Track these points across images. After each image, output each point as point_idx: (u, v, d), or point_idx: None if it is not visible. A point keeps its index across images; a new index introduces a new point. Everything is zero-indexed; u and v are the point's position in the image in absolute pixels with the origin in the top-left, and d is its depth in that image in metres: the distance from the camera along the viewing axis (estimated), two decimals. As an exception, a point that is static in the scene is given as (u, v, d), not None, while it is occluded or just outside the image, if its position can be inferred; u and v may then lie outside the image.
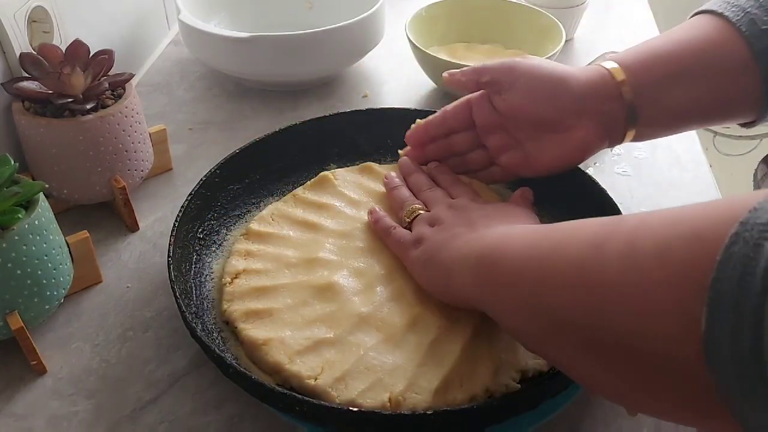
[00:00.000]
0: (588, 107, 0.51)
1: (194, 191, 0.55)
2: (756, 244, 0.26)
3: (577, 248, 0.35)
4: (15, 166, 0.47)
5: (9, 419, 0.46)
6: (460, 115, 0.57)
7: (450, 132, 0.58)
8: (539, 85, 0.52)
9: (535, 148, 0.54)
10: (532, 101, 0.52)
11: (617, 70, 0.50)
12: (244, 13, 0.90)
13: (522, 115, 0.53)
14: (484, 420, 0.42)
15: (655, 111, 0.51)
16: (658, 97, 0.50)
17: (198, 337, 0.44)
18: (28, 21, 0.60)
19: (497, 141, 0.56)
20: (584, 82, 0.51)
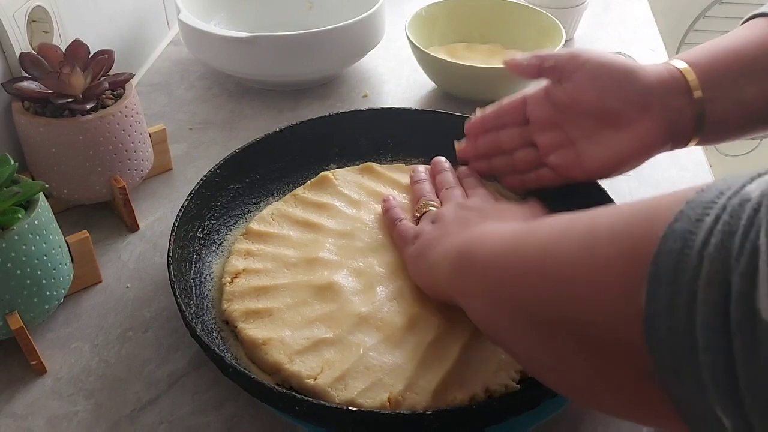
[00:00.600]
0: (655, 101, 0.48)
1: (194, 191, 0.55)
2: (697, 220, 0.26)
3: (544, 235, 0.35)
4: (15, 166, 0.47)
5: (9, 419, 0.46)
6: (514, 109, 0.56)
7: (502, 127, 0.57)
8: (605, 73, 0.50)
9: (589, 146, 0.51)
10: (595, 89, 0.50)
11: (687, 70, 0.48)
12: (244, 13, 0.90)
13: (582, 106, 0.51)
14: (483, 420, 0.42)
15: (723, 109, 0.48)
16: (726, 95, 0.48)
17: (197, 337, 0.44)
18: (28, 21, 0.60)
19: (549, 139, 0.54)
20: (653, 76, 0.49)
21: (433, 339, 0.46)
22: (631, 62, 0.50)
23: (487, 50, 0.86)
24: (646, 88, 0.48)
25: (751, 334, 0.22)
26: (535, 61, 0.53)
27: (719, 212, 0.25)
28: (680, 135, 0.50)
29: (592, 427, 0.46)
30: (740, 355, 0.23)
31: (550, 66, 0.52)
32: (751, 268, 0.23)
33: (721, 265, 0.24)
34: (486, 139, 0.58)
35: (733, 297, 0.23)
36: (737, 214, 0.25)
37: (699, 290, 0.24)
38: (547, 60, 0.52)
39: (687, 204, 0.27)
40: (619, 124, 0.49)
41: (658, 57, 0.92)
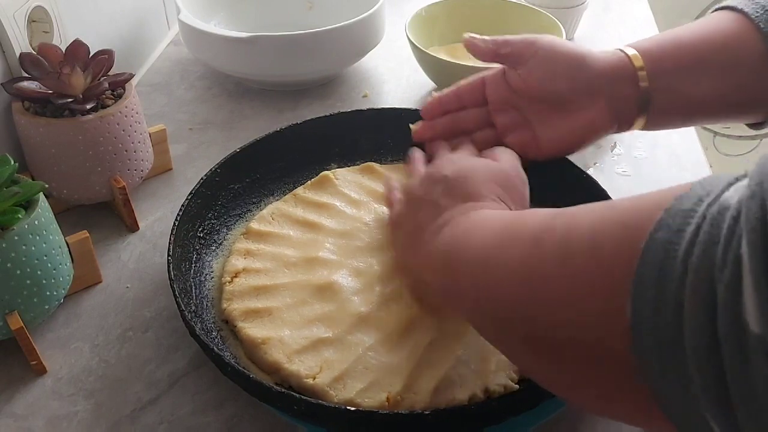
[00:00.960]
0: (603, 89, 0.51)
1: (194, 191, 0.55)
2: (678, 229, 0.25)
3: (521, 242, 0.35)
4: (15, 166, 0.48)
5: (9, 419, 0.46)
6: (473, 90, 0.57)
7: (461, 107, 0.58)
8: (557, 61, 0.52)
9: (543, 128, 0.54)
10: (548, 77, 0.52)
11: (636, 57, 0.50)
12: (244, 13, 0.90)
13: (536, 92, 0.53)
14: (482, 420, 0.42)
15: (668, 100, 0.51)
16: (672, 86, 0.50)
17: (197, 336, 0.44)
18: (28, 21, 0.60)
19: (507, 119, 0.55)
20: (602, 64, 0.51)
21: (432, 339, 0.46)
22: (583, 50, 0.52)
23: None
24: (596, 76, 0.51)
25: (740, 344, 0.22)
26: (492, 46, 0.54)
27: (699, 221, 0.25)
28: (625, 120, 0.52)
29: (592, 427, 0.46)
30: (730, 366, 0.23)
31: (506, 53, 0.53)
32: (735, 278, 0.23)
33: (705, 276, 0.24)
34: (445, 120, 0.58)
35: (719, 309, 0.23)
36: (717, 224, 0.24)
37: (685, 301, 0.24)
38: (504, 46, 0.53)
39: (666, 212, 0.27)
40: (570, 109, 0.52)
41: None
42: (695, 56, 0.50)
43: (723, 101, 0.51)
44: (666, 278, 0.25)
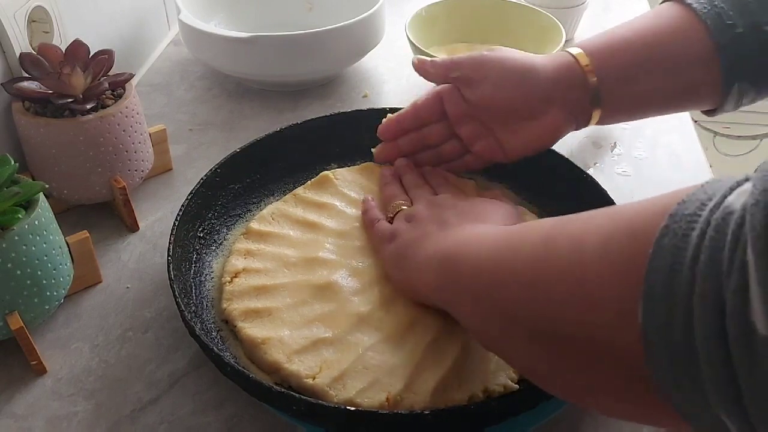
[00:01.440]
0: (555, 95, 0.53)
1: (195, 190, 0.55)
2: (684, 235, 0.26)
3: (530, 246, 0.36)
4: (15, 166, 0.48)
5: (9, 420, 0.46)
6: (431, 107, 0.58)
7: (422, 124, 0.59)
8: (508, 77, 0.53)
9: (506, 135, 0.55)
10: (501, 93, 0.53)
11: (582, 56, 0.52)
12: (244, 13, 0.90)
13: (492, 106, 0.54)
14: (482, 420, 0.42)
15: (617, 97, 0.52)
16: (620, 84, 0.52)
17: (196, 336, 0.44)
18: (28, 21, 0.60)
19: (470, 131, 0.57)
20: (551, 71, 0.52)
21: (432, 339, 0.46)
22: (530, 61, 0.53)
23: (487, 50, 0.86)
24: (546, 84, 0.52)
25: (749, 348, 0.23)
26: (442, 70, 0.55)
27: (704, 227, 0.25)
28: (582, 118, 0.54)
29: (592, 427, 0.46)
30: (740, 368, 0.23)
31: (456, 77, 0.55)
32: (742, 284, 0.23)
33: (712, 282, 0.24)
34: (408, 138, 0.59)
35: (727, 313, 0.23)
36: (722, 230, 0.25)
37: (694, 307, 0.25)
38: (453, 70, 0.54)
39: (670, 218, 0.27)
40: (528, 117, 0.54)
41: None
42: (641, 53, 0.51)
43: (672, 95, 0.53)
44: (674, 284, 0.26)
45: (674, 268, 0.26)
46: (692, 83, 0.52)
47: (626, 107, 0.54)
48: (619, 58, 0.52)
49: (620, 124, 0.77)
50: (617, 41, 0.52)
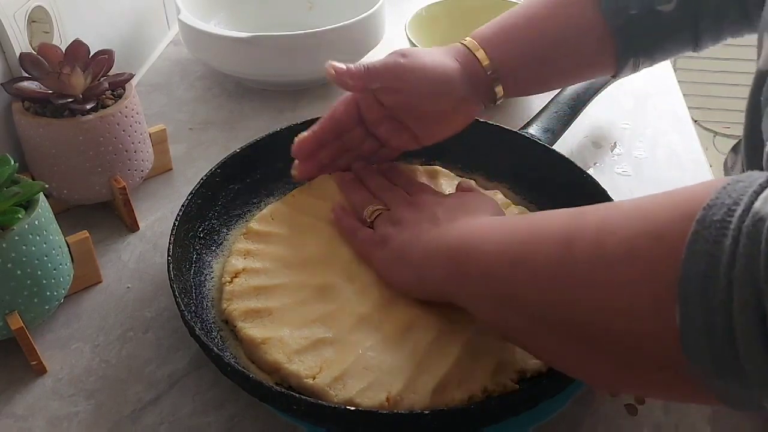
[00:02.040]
0: (469, 93, 0.55)
1: (194, 191, 0.55)
2: (716, 242, 0.27)
3: (547, 247, 0.36)
4: (15, 166, 0.48)
5: (9, 420, 0.46)
6: (349, 115, 0.57)
7: (341, 134, 0.58)
8: (427, 87, 0.53)
9: (423, 130, 0.56)
10: (421, 101, 0.54)
11: (473, 45, 0.54)
12: (244, 13, 0.90)
13: (411, 111, 0.55)
14: (481, 420, 0.42)
15: (517, 78, 0.56)
16: (517, 68, 0.55)
17: (197, 336, 0.44)
18: (28, 21, 0.60)
19: (387, 131, 0.57)
20: (462, 71, 0.54)
21: (432, 339, 0.46)
22: (445, 67, 0.54)
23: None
24: (463, 86, 0.54)
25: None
26: (360, 81, 0.53)
27: (735, 234, 0.26)
28: (489, 101, 0.57)
29: (593, 427, 0.46)
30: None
31: (376, 88, 0.54)
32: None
33: (751, 290, 0.25)
34: (328, 150, 0.58)
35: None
36: (755, 237, 0.26)
37: (734, 313, 0.26)
38: (373, 82, 0.53)
39: (699, 224, 0.28)
40: (445, 117, 0.55)
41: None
42: (539, 41, 0.54)
43: (570, 74, 0.57)
44: (712, 290, 0.27)
45: (709, 275, 0.27)
46: (589, 62, 0.56)
47: (526, 85, 0.58)
48: (514, 49, 0.54)
49: (620, 124, 0.77)
50: (511, 31, 0.55)
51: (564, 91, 0.70)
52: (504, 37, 0.55)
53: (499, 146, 0.63)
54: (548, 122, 0.66)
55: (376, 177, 0.58)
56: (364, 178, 0.59)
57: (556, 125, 0.66)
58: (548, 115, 0.67)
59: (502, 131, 0.64)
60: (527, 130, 0.65)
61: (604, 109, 0.78)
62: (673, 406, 0.47)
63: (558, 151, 0.61)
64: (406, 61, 0.53)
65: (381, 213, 0.53)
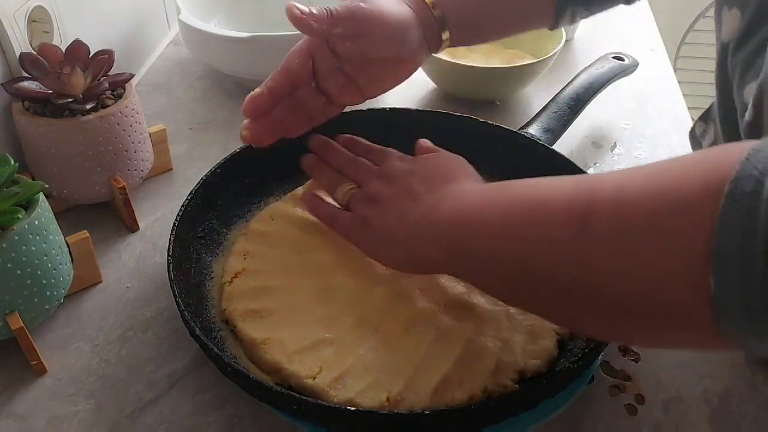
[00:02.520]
0: (421, 41, 0.54)
1: (194, 191, 0.55)
2: (749, 213, 0.28)
3: (559, 223, 0.36)
4: (15, 166, 0.47)
5: (9, 420, 0.46)
6: (304, 67, 0.54)
7: (295, 87, 0.55)
8: (388, 35, 0.53)
9: (372, 83, 0.55)
10: (379, 49, 0.53)
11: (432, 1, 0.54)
12: (244, 13, 0.90)
13: (367, 60, 0.54)
14: (481, 420, 0.42)
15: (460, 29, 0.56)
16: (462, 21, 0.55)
17: (197, 336, 0.44)
18: (28, 21, 0.60)
19: (336, 86, 0.55)
20: (416, 18, 0.53)
21: (432, 339, 0.46)
22: (404, 16, 0.53)
23: (488, 50, 0.86)
24: (419, 34, 0.54)
25: None
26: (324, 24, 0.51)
27: None
28: (435, 50, 0.57)
29: (593, 427, 0.46)
30: None
31: (338, 32, 0.52)
32: None
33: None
34: (281, 108, 0.54)
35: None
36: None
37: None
38: (336, 26, 0.51)
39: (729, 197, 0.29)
40: (397, 67, 0.55)
41: (658, 57, 0.92)
42: None
43: (510, 25, 0.58)
44: (749, 258, 0.28)
45: (747, 245, 0.28)
46: (529, 12, 0.58)
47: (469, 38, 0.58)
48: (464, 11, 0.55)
49: (620, 124, 0.77)
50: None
51: (564, 91, 0.70)
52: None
53: (499, 146, 0.63)
54: (548, 122, 0.66)
55: (334, 150, 0.57)
56: (324, 154, 0.57)
57: (556, 125, 0.66)
58: (548, 115, 0.67)
59: (502, 131, 0.64)
60: (527, 130, 0.65)
61: (604, 109, 0.78)
62: (673, 406, 0.48)
63: (558, 151, 0.61)
64: (367, 6, 0.52)
65: (354, 192, 0.52)
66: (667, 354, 0.51)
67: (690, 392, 0.48)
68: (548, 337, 0.47)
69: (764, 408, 0.48)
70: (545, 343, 0.47)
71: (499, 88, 0.79)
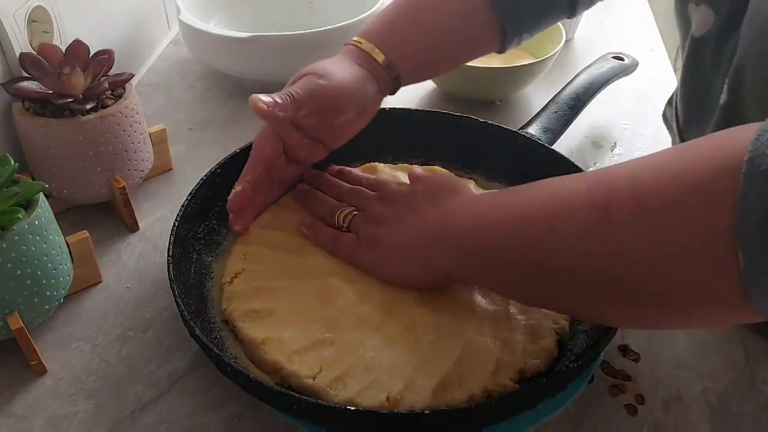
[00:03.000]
0: (375, 97, 0.56)
1: (194, 191, 0.55)
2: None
3: (581, 219, 0.37)
4: (15, 166, 0.47)
5: (9, 420, 0.46)
6: (276, 149, 0.53)
7: (271, 171, 0.54)
8: (349, 103, 0.53)
9: (336, 139, 0.56)
10: (342, 116, 0.54)
11: (381, 57, 0.55)
12: (244, 13, 0.90)
13: (332, 128, 0.55)
14: (481, 420, 0.42)
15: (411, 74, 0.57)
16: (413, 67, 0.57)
17: (197, 336, 0.44)
18: (28, 21, 0.60)
19: (306, 151, 0.55)
20: (369, 77, 0.55)
21: (432, 339, 0.46)
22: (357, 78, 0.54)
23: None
24: (372, 92, 0.55)
25: None
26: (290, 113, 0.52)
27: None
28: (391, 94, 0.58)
29: (593, 427, 0.46)
30: None
31: (303, 115, 0.52)
32: None
33: None
34: (261, 192, 0.54)
35: None
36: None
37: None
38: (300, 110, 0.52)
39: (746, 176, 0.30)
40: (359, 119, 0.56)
41: (658, 57, 0.92)
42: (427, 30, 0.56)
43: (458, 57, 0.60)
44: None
45: None
46: (477, 45, 0.59)
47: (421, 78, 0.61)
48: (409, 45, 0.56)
49: (620, 124, 0.77)
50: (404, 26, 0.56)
51: (564, 91, 0.70)
52: (397, 35, 0.56)
53: (499, 146, 0.63)
54: (548, 122, 0.66)
55: (331, 181, 0.58)
56: (318, 185, 0.58)
57: (556, 125, 0.66)
58: (548, 115, 0.67)
59: (502, 131, 0.64)
60: (527, 130, 0.65)
61: (604, 109, 0.78)
62: (673, 406, 0.48)
63: (558, 151, 0.61)
64: (325, 82, 0.52)
65: (354, 214, 0.53)
66: (667, 354, 0.51)
67: (690, 392, 0.48)
68: (548, 336, 0.47)
69: (764, 408, 0.48)
70: (545, 342, 0.47)
71: (499, 88, 0.79)
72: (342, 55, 0.56)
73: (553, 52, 0.77)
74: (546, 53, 0.77)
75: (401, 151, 0.66)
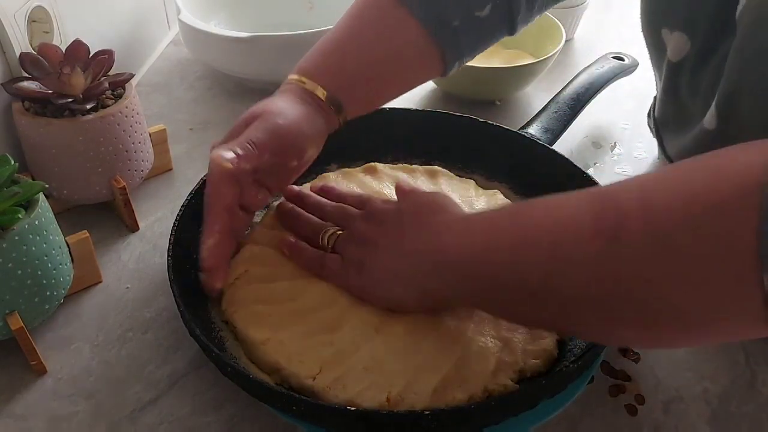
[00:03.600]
0: (320, 131, 0.53)
1: (195, 190, 0.55)
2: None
3: (587, 243, 0.36)
4: (15, 166, 0.47)
5: (9, 420, 0.46)
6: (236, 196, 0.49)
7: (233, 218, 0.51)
8: (305, 139, 0.51)
9: (284, 181, 0.54)
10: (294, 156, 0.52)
11: (323, 93, 0.53)
12: (244, 13, 0.90)
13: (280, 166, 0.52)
14: (481, 420, 0.42)
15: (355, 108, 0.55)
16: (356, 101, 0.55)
17: (197, 336, 0.44)
18: (28, 21, 0.60)
19: (255, 195, 0.52)
20: (316, 114, 0.53)
21: (432, 339, 0.46)
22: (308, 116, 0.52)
23: (488, 50, 0.86)
24: (322, 124, 0.53)
25: None
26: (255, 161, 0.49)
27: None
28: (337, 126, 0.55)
29: (592, 427, 0.46)
30: None
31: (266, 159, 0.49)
32: None
33: None
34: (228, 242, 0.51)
35: None
36: None
37: None
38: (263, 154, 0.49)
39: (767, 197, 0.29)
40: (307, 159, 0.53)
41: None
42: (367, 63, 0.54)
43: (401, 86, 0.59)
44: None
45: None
46: (419, 73, 0.58)
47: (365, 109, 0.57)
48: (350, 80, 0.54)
49: (620, 124, 0.77)
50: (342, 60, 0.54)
51: (564, 91, 0.70)
52: (338, 69, 0.54)
53: (499, 146, 0.63)
54: (548, 122, 0.66)
55: (314, 199, 0.56)
56: (302, 205, 0.56)
57: (556, 125, 0.66)
58: (548, 115, 0.67)
59: (502, 131, 0.64)
60: (527, 130, 0.65)
61: (604, 109, 0.78)
62: (673, 406, 0.48)
63: (558, 151, 0.61)
64: (283, 121, 0.50)
65: (339, 235, 0.51)
66: (667, 354, 0.51)
67: (690, 392, 0.48)
68: (548, 337, 0.47)
69: (764, 408, 0.48)
70: (545, 343, 0.47)
71: (499, 88, 0.79)
72: (284, 94, 0.53)
73: (553, 52, 0.77)
74: (546, 53, 0.77)
75: (401, 151, 0.66)
